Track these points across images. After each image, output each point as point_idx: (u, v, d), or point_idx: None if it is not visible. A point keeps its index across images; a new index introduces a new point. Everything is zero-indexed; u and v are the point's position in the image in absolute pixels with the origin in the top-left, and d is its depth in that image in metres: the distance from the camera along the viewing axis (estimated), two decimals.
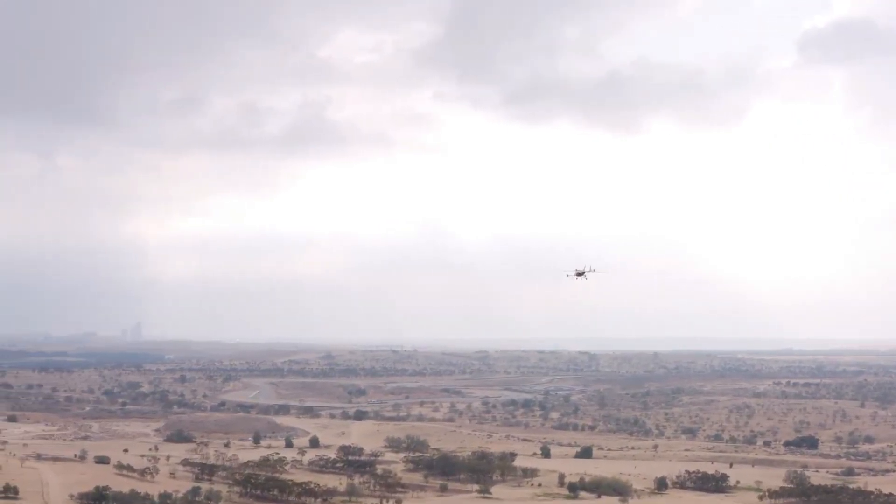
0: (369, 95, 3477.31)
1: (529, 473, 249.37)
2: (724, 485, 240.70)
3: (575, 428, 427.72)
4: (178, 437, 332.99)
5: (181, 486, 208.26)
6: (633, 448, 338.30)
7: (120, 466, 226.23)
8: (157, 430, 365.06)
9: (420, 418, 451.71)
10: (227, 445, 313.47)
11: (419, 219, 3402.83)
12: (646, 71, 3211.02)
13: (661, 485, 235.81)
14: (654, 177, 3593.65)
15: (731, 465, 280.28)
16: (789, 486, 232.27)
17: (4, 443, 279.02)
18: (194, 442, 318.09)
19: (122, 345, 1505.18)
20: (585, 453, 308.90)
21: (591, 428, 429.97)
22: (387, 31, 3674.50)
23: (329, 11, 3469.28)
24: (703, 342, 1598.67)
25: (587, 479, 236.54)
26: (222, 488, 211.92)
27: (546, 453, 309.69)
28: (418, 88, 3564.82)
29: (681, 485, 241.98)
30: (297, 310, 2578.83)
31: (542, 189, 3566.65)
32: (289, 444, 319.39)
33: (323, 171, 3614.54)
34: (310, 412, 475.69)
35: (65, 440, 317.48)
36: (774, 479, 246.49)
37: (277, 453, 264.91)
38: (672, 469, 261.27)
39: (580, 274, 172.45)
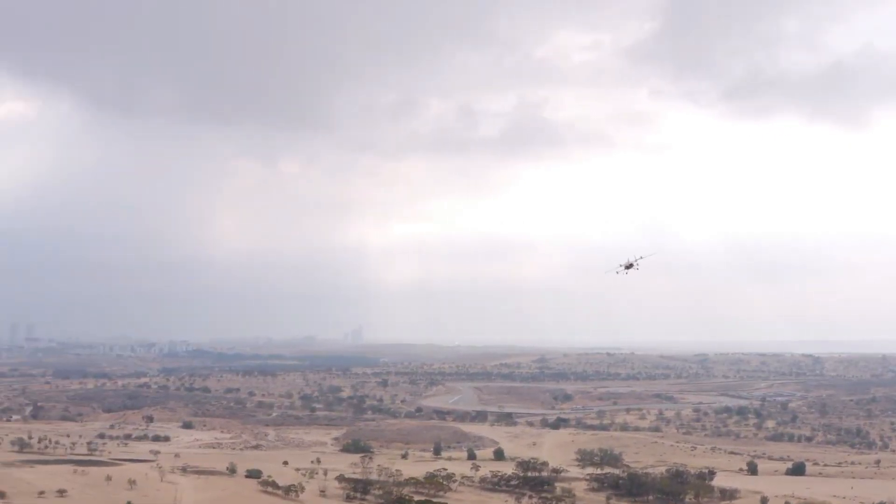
0: (587, 95, 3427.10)
1: (728, 495, 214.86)
2: None
3: (790, 439, 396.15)
4: (355, 447, 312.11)
5: None
6: (852, 463, 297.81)
7: (265, 483, 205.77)
8: (335, 439, 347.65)
9: (623, 427, 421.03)
10: (404, 457, 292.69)
11: (640, 219, 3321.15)
12: (871, 61, 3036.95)
13: None
14: (882, 171, 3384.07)
15: None
16: None
17: (156, 453, 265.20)
18: (370, 453, 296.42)
19: (341, 348, 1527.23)
20: (797, 470, 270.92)
21: (809, 439, 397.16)
22: (603, 30, 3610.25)
23: (545, 12, 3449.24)
24: None
25: (793, 502, 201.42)
26: None
27: (753, 469, 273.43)
28: (635, 86, 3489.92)
29: None
30: (517, 312, 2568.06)
31: (766, 187, 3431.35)
32: (471, 456, 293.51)
33: (541, 172, 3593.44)
34: (507, 419, 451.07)
35: (233, 449, 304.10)
36: None
37: (446, 469, 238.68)
38: (894, 491, 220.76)
39: (629, 266, 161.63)
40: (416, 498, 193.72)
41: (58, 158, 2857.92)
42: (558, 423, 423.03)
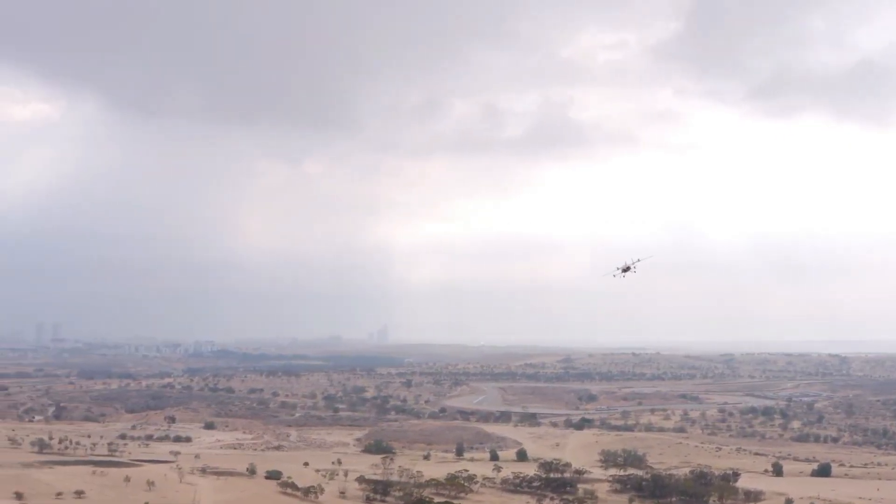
0: (612, 94, 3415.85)
1: (752, 497, 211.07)
2: None
3: (816, 439, 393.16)
4: (376, 447, 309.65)
5: None
6: (879, 464, 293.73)
7: (284, 484, 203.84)
8: (357, 440, 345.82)
9: (648, 428, 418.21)
10: (426, 458, 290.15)
11: (665, 218, 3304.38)
12: None
13: None
14: None
15: None
16: None
17: (177, 454, 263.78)
18: (391, 453, 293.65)
19: (366, 348, 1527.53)
20: (823, 471, 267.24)
21: (835, 440, 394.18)
22: (628, 29, 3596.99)
23: (569, 11, 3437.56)
24: None
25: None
26: None
27: (778, 471, 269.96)
28: (660, 85, 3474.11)
29: None
30: (542, 312, 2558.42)
31: (792, 185, 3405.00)
32: (494, 457, 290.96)
33: (566, 171, 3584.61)
34: (531, 420, 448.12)
35: (254, 450, 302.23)
36: None
37: (467, 470, 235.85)
38: None
39: (626, 270, 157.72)
40: (437, 500, 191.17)
41: (82, 159, 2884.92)
42: (582, 424, 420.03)
